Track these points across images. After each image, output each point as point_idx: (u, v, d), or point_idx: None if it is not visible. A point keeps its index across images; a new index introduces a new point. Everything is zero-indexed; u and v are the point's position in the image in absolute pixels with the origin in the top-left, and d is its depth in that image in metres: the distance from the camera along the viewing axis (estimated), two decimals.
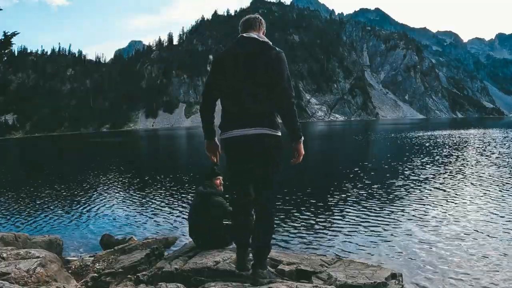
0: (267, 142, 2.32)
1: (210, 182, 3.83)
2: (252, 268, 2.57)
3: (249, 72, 2.28)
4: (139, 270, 3.46)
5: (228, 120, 2.38)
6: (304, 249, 4.84)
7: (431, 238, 5.05)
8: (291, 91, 2.30)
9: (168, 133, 63.33)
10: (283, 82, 2.27)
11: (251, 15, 2.56)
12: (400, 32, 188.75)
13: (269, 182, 2.46)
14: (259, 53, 2.29)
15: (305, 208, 6.93)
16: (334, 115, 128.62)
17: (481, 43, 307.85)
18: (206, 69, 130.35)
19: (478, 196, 7.40)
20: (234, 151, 2.42)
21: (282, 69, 2.28)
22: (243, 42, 2.36)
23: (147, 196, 9.08)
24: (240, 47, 2.35)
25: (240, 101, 2.32)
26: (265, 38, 2.39)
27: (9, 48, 8.58)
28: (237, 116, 2.34)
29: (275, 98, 2.29)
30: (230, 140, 2.38)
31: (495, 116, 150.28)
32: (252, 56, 2.29)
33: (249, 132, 2.30)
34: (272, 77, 2.26)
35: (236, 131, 2.33)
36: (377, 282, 2.71)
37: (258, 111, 2.30)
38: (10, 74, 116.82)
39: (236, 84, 2.32)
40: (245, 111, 2.31)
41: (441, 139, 23.82)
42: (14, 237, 4.38)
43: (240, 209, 2.69)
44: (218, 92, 2.42)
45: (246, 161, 2.42)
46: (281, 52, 2.32)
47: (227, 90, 2.37)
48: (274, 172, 2.45)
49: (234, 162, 2.50)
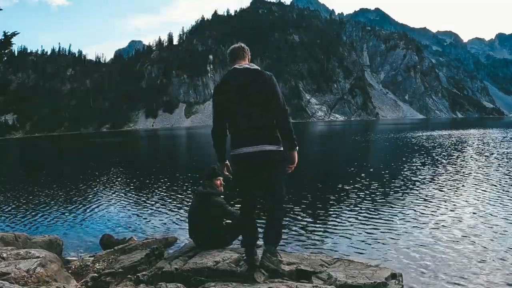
0: (272, 156, 2.72)
1: (209, 182, 3.83)
2: (262, 255, 2.86)
3: (245, 96, 2.67)
4: (139, 270, 3.46)
5: (235, 139, 2.78)
6: (304, 249, 4.84)
7: (431, 238, 5.04)
8: (284, 105, 2.71)
9: (168, 133, 63.33)
10: (277, 98, 2.67)
11: (235, 46, 2.93)
12: (400, 32, 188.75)
13: (272, 185, 2.83)
14: (251, 81, 2.69)
15: (305, 208, 6.93)
16: (334, 115, 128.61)
17: (481, 43, 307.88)
18: (206, 69, 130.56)
19: (478, 197, 7.39)
20: (243, 165, 2.79)
21: (274, 88, 2.68)
22: (235, 74, 2.75)
23: (147, 196, 9.08)
24: (233, 79, 2.74)
25: (238, 122, 2.71)
26: (255, 66, 2.78)
27: (9, 48, 8.58)
28: (240, 135, 2.73)
29: (271, 112, 2.69)
30: (239, 157, 2.76)
31: (495, 116, 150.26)
32: (246, 84, 2.68)
33: (256, 149, 2.69)
34: (266, 95, 2.66)
35: (245, 148, 2.71)
36: (377, 282, 2.71)
37: (260, 129, 2.67)
38: (10, 74, 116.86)
39: (234, 107, 2.71)
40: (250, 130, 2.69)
41: (441, 139, 23.82)
42: (14, 237, 4.38)
43: (247, 213, 3.00)
44: (224, 116, 2.80)
45: (253, 171, 2.80)
46: (271, 75, 2.73)
47: (230, 114, 2.76)
48: (277, 175, 2.82)
49: (242, 172, 2.85)
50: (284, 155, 2.78)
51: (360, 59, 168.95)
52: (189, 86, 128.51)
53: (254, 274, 2.80)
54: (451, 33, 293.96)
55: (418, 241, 4.94)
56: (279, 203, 2.90)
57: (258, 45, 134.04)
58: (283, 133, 2.74)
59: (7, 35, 8.05)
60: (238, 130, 2.74)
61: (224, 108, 2.78)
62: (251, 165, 2.76)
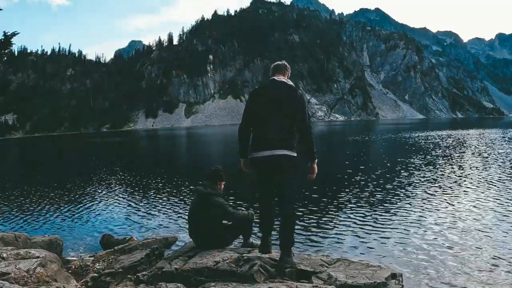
0: (284, 160, 2.98)
1: (210, 182, 3.82)
2: (279, 259, 3.10)
3: (279, 108, 2.97)
4: (139, 270, 3.46)
5: (258, 142, 3.05)
6: (304, 249, 4.84)
7: (431, 238, 5.05)
8: (309, 121, 3.06)
9: (168, 133, 63.32)
10: (305, 114, 3.00)
11: (279, 62, 3.29)
12: (400, 32, 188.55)
13: (283, 188, 3.07)
14: (287, 95, 3.00)
15: (305, 209, 6.93)
16: (334, 115, 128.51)
17: (481, 43, 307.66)
18: (206, 69, 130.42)
19: (478, 197, 7.39)
20: (262, 166, 3.08)
21: (304, 105, 3.01)
22: (275, 85, 3.07)
23: (147, 196, 9.08)
24: (272, 88, 3.06)
25: (267, 129, 2.99)
26: (291, 82, 3.12)
27: (9, 48, 8.56)
28: (265, 139, 3.00)
29: (297, 126, 3.00)
30: (258, 159, 3.06)
31: (495, 116, 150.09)
32: (282, 97, 2.99)
33: (274, 153, 2.97)
34: (296, 111, 2.97)
35: (265, 152, 2.99)
36: (377, 282, 2.71)
37: (281, 137, 2.96)
38: (10, 74, 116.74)
39: (266, 115, 3.00)
40: (271, 137, 2.97)
41: (440, 139, 23.82)
42: (14, 237, 4.37)
43: (266, 209, 3.27)
44: (253, 120, 3.08)
45: (269, 173, 3.09)
46: (302, 93, 3.10)
47: (260, 119, 3.04)
48: (287, 179, 3.06)
49: (261, 174, 3.15)
50: (295, 159, 3.03)
51: (360, 59, 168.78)
52: (189, 86, 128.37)
53: (254, 274, 2.81)
54: (451, 33, 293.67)
55: (418, 241, 4.94)
56: (290, 206, 3.12)
57: (258, 45, 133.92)
58: (305, 146, 3.02)
59: (7, 35, 8.04)
60: (264, 136, 3.00)
61: (254, 113, 3.07)
62: (265, 167, 3.06)
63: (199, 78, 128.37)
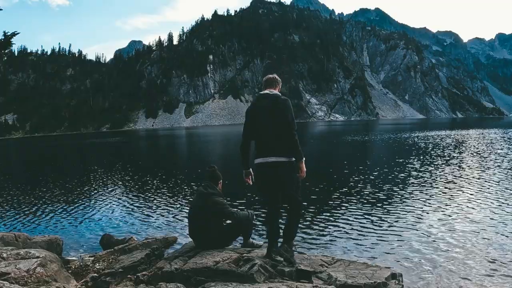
0: (284, 165, 3.22)
1: (210, 182, 3.83)
2: (280, 245, 3.32)
3: (270, 117, 3.24)
4: (139, 270, 3.46)
5: (258, 151, 3.32)
6: (304, 249, 4.84)
7: (431, 238, 5.05)
8: (293, 125, 3.22)
9: (168, 133, 63.29)
10: (288, 118, 3.20)
11: (270, 76, 3.53)
12: (400, 32, 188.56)
13: (284, 184, 3.28)
14: (273, 104, 3.26)
15: (305, 209, 6.93)
16: (334, 115, 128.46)
17: (481, 43, 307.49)
18: (206, 69, 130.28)
19: (478, 197, 7.39)
20: (264, 171, 3.30)
21: (286, 106, 3.24)
22: (262, 98, 3.36)
23: (147, 196, 9.08)
24: (261, 102, 3.35)
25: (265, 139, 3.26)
26: (275, 92, 3.38)
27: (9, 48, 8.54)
28: (264, 148, 3.28)
29: (282, 130, 3.19)
30: (261, 164, 3.29)
31: (495, 116, 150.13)
32: (269, 107, 3.26)
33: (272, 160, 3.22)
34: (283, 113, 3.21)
35: (266, 158, 3.24)
36: (377, 282, 2.71)
37: (279, 144, 3.20)
38: (10, 74, 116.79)
39: (261, 127, 3.28)
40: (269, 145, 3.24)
41: (440, 139, 23.82)
42: (14, 237, 4.38)
43: (273, 212, 3.42)
44: (251, 134, 3.36)
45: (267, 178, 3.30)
46: (286, 99, 3.29)
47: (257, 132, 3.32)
48: (292, 188, 3.30)
49: (263, 177, 3.34)
50: (293, 163, 3.23)
51: (360, 59, 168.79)
52: (189, 86, 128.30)
53: (254, 274, 2.81)
54: (451, 33, 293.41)
55: (418, 241, 4.94)
56: (297, 210, 3.40)
57: (258, 45, 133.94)
58: (290, 146, 3.19)
59: (7, 35, 8.02)
60: (263, 146, 3.28)
61: (251, 127, 3.36)
62: (264, 173, 3.29)
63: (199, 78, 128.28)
